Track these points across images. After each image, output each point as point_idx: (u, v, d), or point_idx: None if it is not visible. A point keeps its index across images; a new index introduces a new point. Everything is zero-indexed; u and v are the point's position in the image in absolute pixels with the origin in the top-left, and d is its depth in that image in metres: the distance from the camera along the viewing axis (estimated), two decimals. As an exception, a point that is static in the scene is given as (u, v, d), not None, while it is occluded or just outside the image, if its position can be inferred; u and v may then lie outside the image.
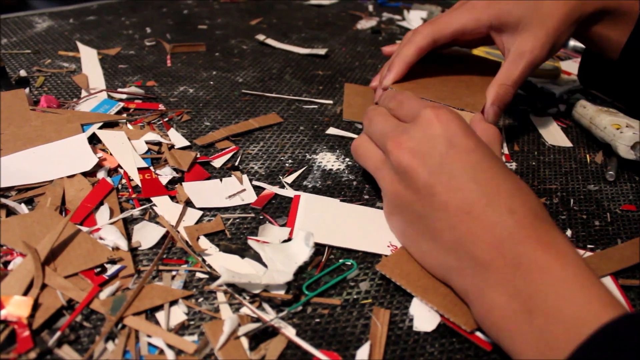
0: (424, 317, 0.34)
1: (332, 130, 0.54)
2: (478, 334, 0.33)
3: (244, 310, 0.33)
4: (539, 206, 0.32)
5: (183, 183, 0.43)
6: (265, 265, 0.36)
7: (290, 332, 0.32)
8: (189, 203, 0.41)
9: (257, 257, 0.37)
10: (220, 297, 0.34)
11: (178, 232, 0.38)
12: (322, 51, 0.72)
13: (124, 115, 0.51)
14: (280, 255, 0.36)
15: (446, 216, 0.33)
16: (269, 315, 0.33)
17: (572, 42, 0.83)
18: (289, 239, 0.38)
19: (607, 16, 0.51)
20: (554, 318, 0.27)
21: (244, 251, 0.37)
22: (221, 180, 0.44)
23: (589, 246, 0.42)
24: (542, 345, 0.28)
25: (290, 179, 0.46)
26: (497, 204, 0.31)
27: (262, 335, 0.31)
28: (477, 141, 0.35)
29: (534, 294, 0.28)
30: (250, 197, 0.43)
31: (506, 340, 0.30)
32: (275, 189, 0.44)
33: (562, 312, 0.27)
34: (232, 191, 0.43)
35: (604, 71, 0.58)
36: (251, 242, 0.38)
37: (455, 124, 0.35)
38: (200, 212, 0.40)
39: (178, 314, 0.32)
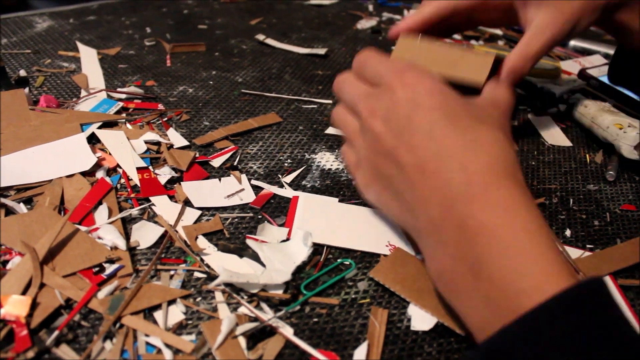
0: (421, 317, 0.34)
1: (331, 130, 0.54)
2: (476, 333, 0.33)
3: (242, 310, 0.33)
4: (498, 159, 0.31)
5: (182, 182, 0.43)
6: (263, 265, 0.36)
7: (288, 331, 0.32)
8: (187, 202, 0.41)
9: (255, 257, 0.37)
10: (219, 296, 0.34)
11: (177, 231, 0.38)
12: (321, 51, 0.72)
13: (123, 115, 0.51)
14: (279, 255, 0.36)
15: (405, 177, 0.32)
16: (267, 314, 0.33)
17: (573, 42, 0.83)
18: (288, 239, 0.38)
19: (637, 3, 0.48)
20: (497, 286, 0.26)
21: (242, 251, 0.37)
22: (220, 179, 0.44)
23: (588, 246, 0.42)
24: (487, 312, 0.27)
25: (289, 178, 0.46)
26: (449, 161, 0.30)
27: (260, 334, 0.31)
28: (444, 98, 0.33)
29: (479, 259, 0.28)
30: (249, 196, 0.43)
31: (456, 303, 0.30)
32: (274, 189, 0.44)
33: (505, 280, 0.26)
34: (230, 191, 0.43)
35: (636, 66, 0.56)
36: (250, 242, 0.38)
37: (421, 85, 0.34)
38: (199, 212, 0.40)
39: (176, 313, 0.32)
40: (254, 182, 0.44)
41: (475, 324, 0.28)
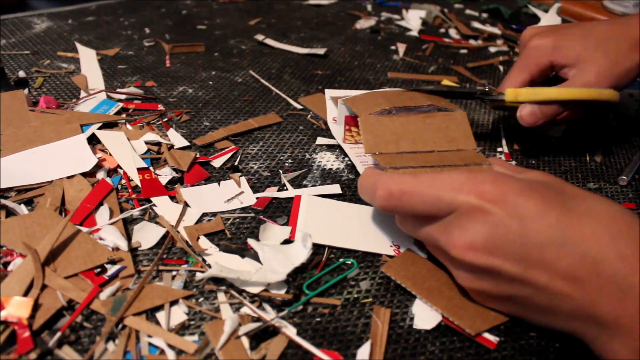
0: (424, 316, 0.34)
1: (320, 140, 0.54)
2: (479, 332, 0.33)
3: (245, 310, 0.33)
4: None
5: (181, 189, 0.42)
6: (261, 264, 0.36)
7: (291, 331, 0.32)
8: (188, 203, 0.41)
9: (256, 257, 0.37)
10: (221, 297, 0.34)
11: (178, 232, 0.38)
12: (321, 51, 0.72)
13: (123, 115, 0.51)
14: (279, 256, 0.36)
15: (554, 292, 0.29)
16: (270, 315, 0.33)
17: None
18: (291, 240, 0.38)
19: None
20: None
21: (244, 251, 0.37)
22: (219, 183, 0.44)
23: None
24: None
25: (289, 178, 0.46)
26: (602, 257, 0.27)
27: (263, 334, 0.31)
28: (540, 195, 0.29)
29: None
30: (249, 199, 0.43)
31: None
32: (274, 193, 0.44)
33: None
34: (230, 194, 0.43)
35: None
36: (251, 241, 0.37)
37: (510, 192, 0.29)
38: (200, 212, 0.40)
39: (178, 314, 0.32)
40: (257, 184, 0.44)
41: None
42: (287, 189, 0.44)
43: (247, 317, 0.32)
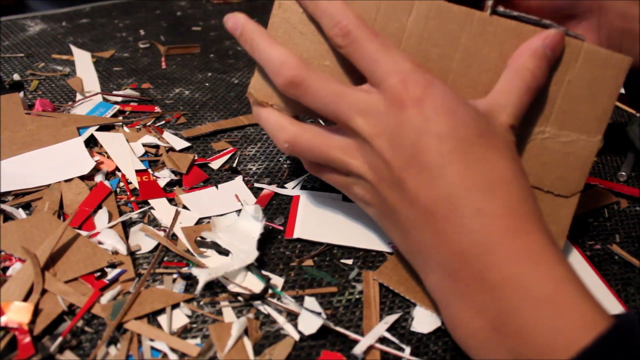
0: (424, 319, 0.33)
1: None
2: (481, 331, 0.33)
3: (245, 313, 0.33)
4: (519, 200, 0.27)
5: (181, 195, 0.42)
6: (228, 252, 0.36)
7: (293, 334, 0.32)
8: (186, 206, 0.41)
9: (218, 249, 0.37)
10: (222, 298, 0.33)
11: (175, 236, 0.38)
12: (317, 51, 0.72)
13: (120, 117, 0.51)
14: (236, 235, 0.37)
15: (412, 214, 0.29)
16: (278, 318, 0.32)
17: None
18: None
19: None
20: (526, 343, 0.24)
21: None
22: (217, 186, 0.44)
23: (588, 243, 0.42)
24: None
25: (290, 185, 0.46)
26: (462, 204, 0.27)
27: (265, 338, 0.31)
28: (455, 120, 0.28)
29: (502, 313, 0.25)
30: (249, 199, 0.42)
31: (475, 356, 0.28)
32: (274, 189, 0.44)
33: (534, 337, 0.24)
34: (230, 197, 0.42)
35: None
36: (206, 234, 0.37)
37: (429, 101, 0.28)
38: (200, 216, 0.40)
39: (180, 317, 0.32)
40: (255, 184, 0.44)
41: None
42: (286, 188, 0.44)
43: (254, 320, 0.32)
